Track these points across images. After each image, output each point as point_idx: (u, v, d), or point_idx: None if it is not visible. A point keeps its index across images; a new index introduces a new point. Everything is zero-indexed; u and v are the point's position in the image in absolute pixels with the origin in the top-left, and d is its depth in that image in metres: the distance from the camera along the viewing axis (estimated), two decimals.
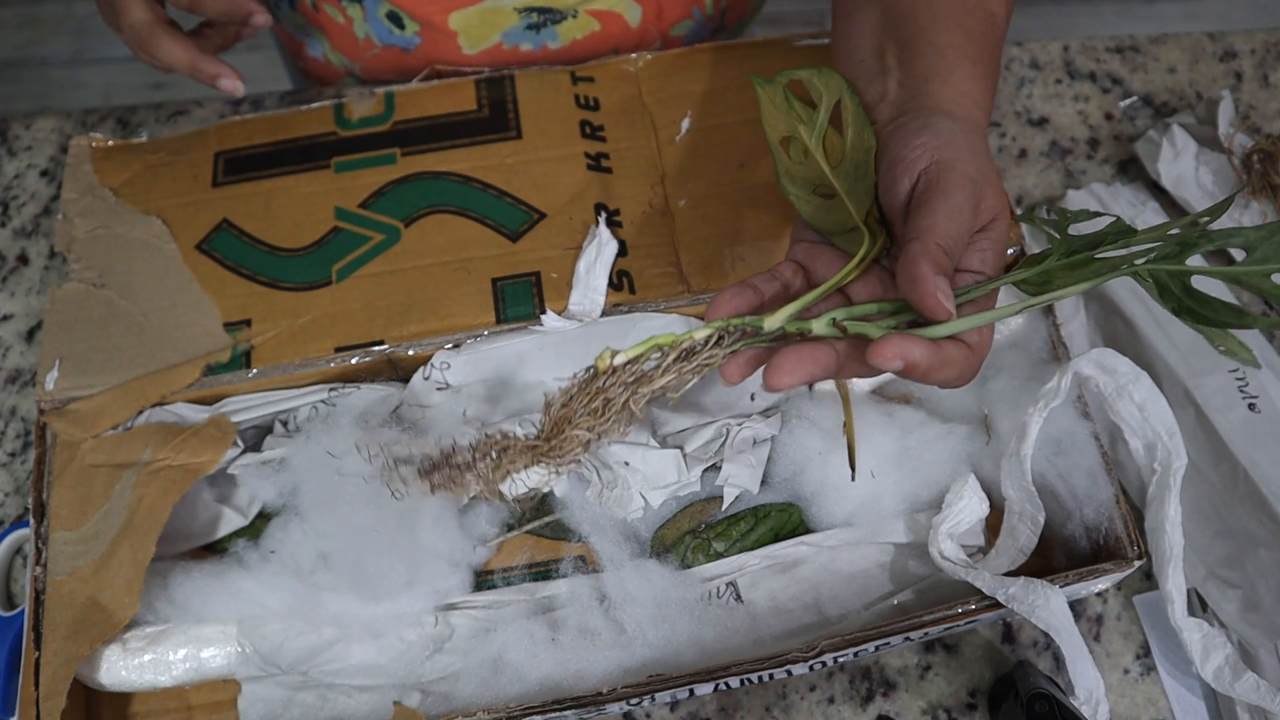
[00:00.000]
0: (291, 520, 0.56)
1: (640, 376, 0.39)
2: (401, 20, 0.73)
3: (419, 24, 0.73)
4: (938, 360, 0.43)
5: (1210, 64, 0.80)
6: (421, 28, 0.73)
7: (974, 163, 0.47)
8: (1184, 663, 0.60)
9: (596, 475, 0.58)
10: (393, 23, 0.74)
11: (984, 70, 0.53)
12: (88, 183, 0.65)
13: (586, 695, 0.50)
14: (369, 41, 0.76)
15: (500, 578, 0.58)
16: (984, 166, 0.47)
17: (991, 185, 0.47)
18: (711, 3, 0.79)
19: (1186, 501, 0.60)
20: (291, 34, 0.83)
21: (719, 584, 0.57)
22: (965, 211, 0.45)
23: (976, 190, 0.46)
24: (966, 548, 0.57)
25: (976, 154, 0.47)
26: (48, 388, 0.58)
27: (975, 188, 0.46)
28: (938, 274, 0.42)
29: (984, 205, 0.47)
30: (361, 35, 0.76)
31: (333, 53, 0.80)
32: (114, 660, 0.54)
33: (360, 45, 0.77)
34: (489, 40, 0.74)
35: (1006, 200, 0.50)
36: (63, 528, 0.55)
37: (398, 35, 0.74)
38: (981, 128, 0.51)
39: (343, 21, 0.76)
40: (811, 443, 0.59)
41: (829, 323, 0.44)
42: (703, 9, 0.79)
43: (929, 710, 0.59)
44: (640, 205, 0.64)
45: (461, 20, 0.72)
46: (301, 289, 0.61)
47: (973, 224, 0.46)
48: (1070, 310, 0.70)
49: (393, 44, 0.75)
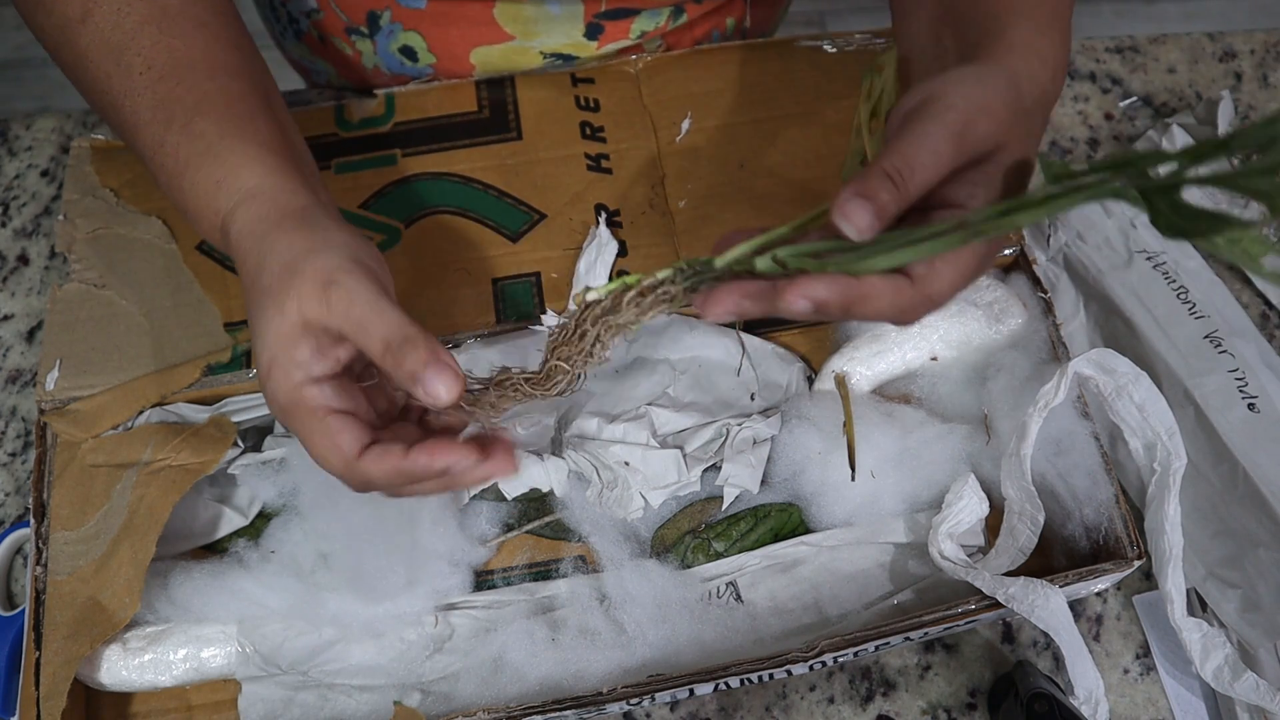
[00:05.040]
0: (292, 520, 0.56)
1: (609, 310, 0.42)
2: (415, 54, 0.72)
3: (435, 57, 0.72)
4: (851, 295, 0.40)
5: (1210, 64, 0.80)
6: (437, 60, 0.73)
7: (967, 93, 0.43)
8: (1184, 662, 0.60)
9: (596, 475, 0.58)
10: (405, 56, 0.73)
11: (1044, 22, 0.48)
12: (89, 183, 0.65)
13: (586, 695, 0.50)
14: (378, 71, 0.75)
15: (500, 578, 0.58)
16: (984, 97, 0.43)
17: (991, 115, 0.43)
18: (732, 27, 0.79)
19: (1186, 501, 0.60)
20: (297, 59, 0.83)
21: (719, 584, 0.57)
22: (933, 137, 0.41)
23: (961, 118, 0.42)
24: (966, 548, 0.57)
25: (979, 84, 0.43)
26: (48, 388, 0.58)
27: (957, 115, 0.42)
28: (855, 195, 0.39)
29: (975, 134, 0.42)
30: (370, 66, 0.75)
31: (339, 80, 0.80)
32: (114, 660, 0.54)
33: (369, 74, 0.77)
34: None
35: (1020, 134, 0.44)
36: (63, 528, 0.55)
37: (409, 67, 0.74)
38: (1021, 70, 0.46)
39: (351, 54, 0.75)
40: (811, 443, 0.59)
41: (770, 259, 0.43)
42: (724, 33, 0.78)
43: (929, 710, 0.59)
44: (640, 205, 0.64)
45: (483, 56, 0.72)
46: None
47: (949, 152, 0.42)
48: (1070, 310, 0.70)
49: (404, 74, 0.75)
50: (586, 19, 0.70)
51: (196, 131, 0.46)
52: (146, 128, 0.47)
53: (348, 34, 0.73)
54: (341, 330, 0.41)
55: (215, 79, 0.48)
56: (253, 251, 0.44)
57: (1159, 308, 0.66)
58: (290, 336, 0.41)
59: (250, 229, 0.44)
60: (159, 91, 0.47)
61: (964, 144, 0.42)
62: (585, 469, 0.59)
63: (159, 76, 0.47)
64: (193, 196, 0.46)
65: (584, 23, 0.70)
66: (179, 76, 0.47)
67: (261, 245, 0.43)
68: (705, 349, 0.62)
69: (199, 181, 0.46)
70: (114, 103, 0.48)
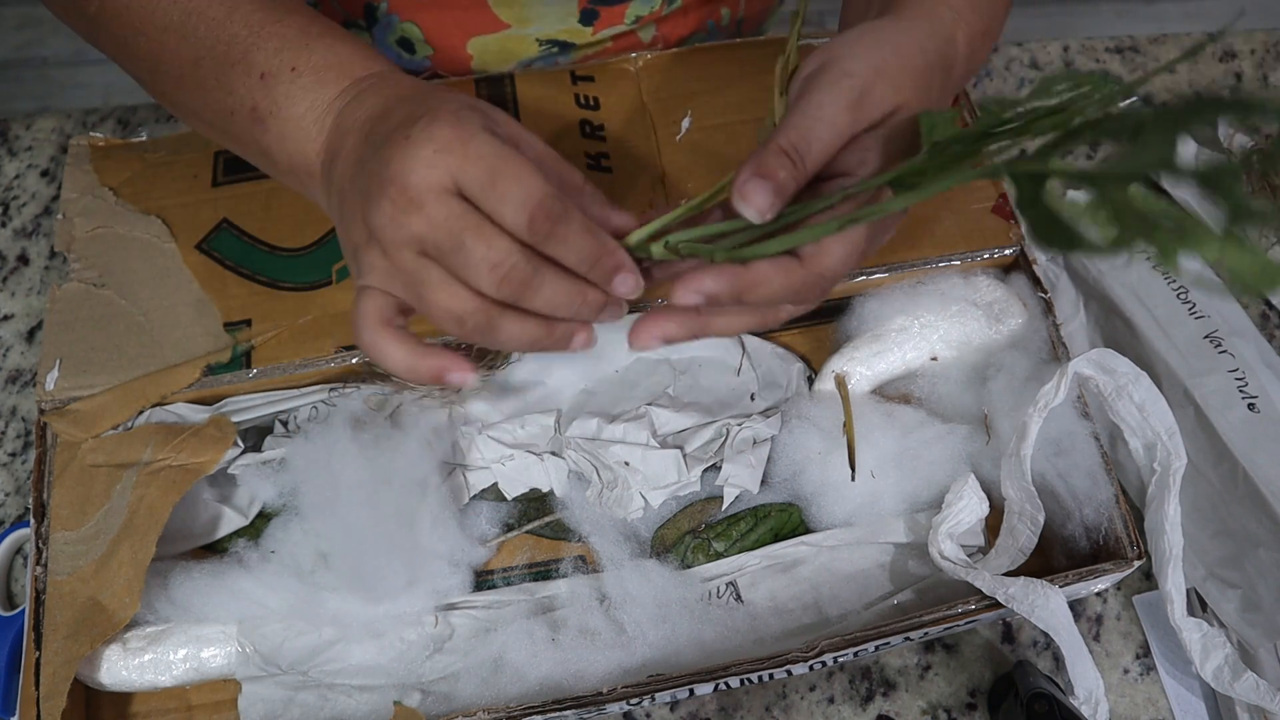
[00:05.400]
0: (292, 520, 0.56)
1: None
2: (413, 46, 0.73)
3: (432, 48, 0.72)
4: (740, 284, 0.40)
5: (1210, 64, 0.80)
6: (434, 52, 0.73)
7: (864, 54, 0.41)
8: (1184, 662, 0.60)
9: (596, 475, 0.58)
10: (403, 48, 0.73)
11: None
12: (88, 182, 0.65)
13: (586, 695, 0.50)
14: None
15: (500, 578, 0.58)
16: (881, 59, 0.42)
17: (887, 77, 0.42)
18: (727, 16, 0.79)
19: (1186, 501, 0.60)
20: None
21: (719, 584, 0.57)
22: (829, 108, 0.40)
23: (858, 85, 0.41)
24: (966, 548, 0.57)
25: (877, 46, 0.42)
26: (48, 388, 0.58)
27: (853, 82, 0.41)
28: (753, 175, 0.38)
29: (872, 99, 0.41)
30: None
31: None
32: (114, 660, 0.54)
33: None
34: (504, 66, 0.74)
35: (918, 93, 0.43)
36: (63, 528, 0.55)
37: (407, 59, 0.74)
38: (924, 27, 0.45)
39: None
40: (811, 443, 0.59)
41: (663, 245, 0.43)
42: (718, 22, 0.79)
43: (929, 710, 0.59)
44: (640, 205, 0.64)
45: (480, 46, 0.72)
46: (302, 289, 0.61)
47: (845, 122, 0.41)
48: (1070, 310, 0.70)
49: (401, 66, 0.75)
50: (581, 4, 0.70)
51: (330, 24, 0.47)
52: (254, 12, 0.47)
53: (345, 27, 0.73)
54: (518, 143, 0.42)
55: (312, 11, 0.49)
56: (409, 87, 0.43)
57: (1159, 308, 0.67)
58: (470, 104, 0.41)
59: (402, 79, 0.45)
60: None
61: (861, 111, 0.41)
62: (585, 469, 0.59)
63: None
64: (330, 54, 0.46)
65: (579, 8, 0.70)
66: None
67: (420, 86, 0.44)
68: (705, 349, 0.62)
69: (340, 47, 0.46)
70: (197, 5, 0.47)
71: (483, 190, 0.38)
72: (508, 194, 0.38)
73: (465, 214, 0.38)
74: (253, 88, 0.46)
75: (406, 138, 0.39)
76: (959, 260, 0.61)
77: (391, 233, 0.39)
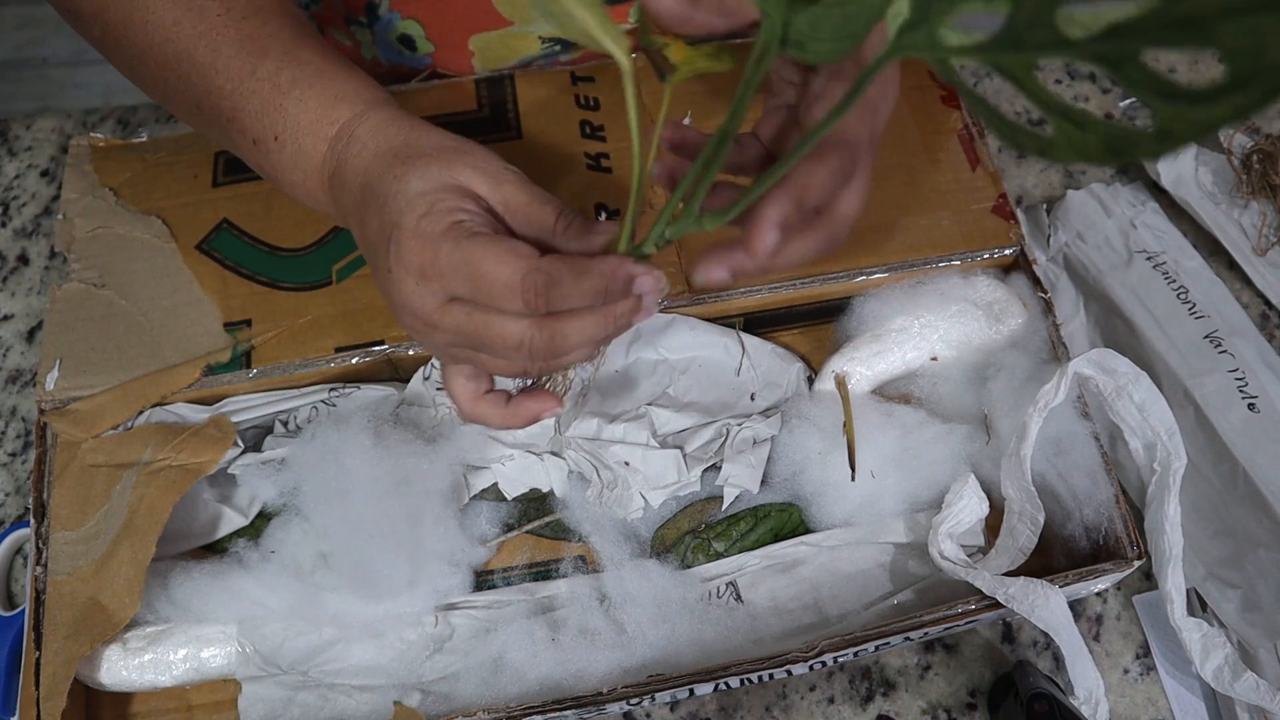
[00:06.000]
0: (292, 520, 0.56)
1: None
2: (414, 43, 0.72)
3: (433, 45, 0.72)
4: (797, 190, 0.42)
5: (1210, 64, 0.80)
6: (436, 49, 0.73)
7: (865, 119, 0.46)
8: (1184, 662, 0.60)
9: (596, 475, 0.58)
10: (404, 45, 0.73)
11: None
12: (88, 182, 0.65)
13: (586, 695, 0.50)
14: (376, 62, 0.76)
15: (500, 578, 0.58)
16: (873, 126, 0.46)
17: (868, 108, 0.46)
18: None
19: (1186, 501, 0.60)
20: None
21: (719, 584, 0.57)
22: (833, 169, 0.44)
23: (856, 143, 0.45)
24: (966, 548, 0.57)
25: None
26: (48, 388, 0.58)
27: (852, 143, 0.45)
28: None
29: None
30: (369, 56, 0.75)
31: None
32: (114, 660, 0.54)
33: (368, 65, 0.76)
34: (505, 63, 0.74)
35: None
36: (63, 528, 0.55)
37: (408, 56, 0.74)
38: None
39: (349, 45, 0.75)
40: (811, 443, 0.59)
41: (656, 240, 0.44)
42: None
43: (929, 710, 0.59)
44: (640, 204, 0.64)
45: (481, 42, 0.72)
46: (302, 289, 0.61)
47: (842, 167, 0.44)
48: (1070, 310, 0.70)
49: (402, 64, 0.75)
50: None
51: (301, 59, 0.48)
52: (231, 60, 0.49)
53: (346, 24, 0.73)
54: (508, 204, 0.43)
55: (296, 18, 0.51)
56: (397, 135, 0.45)
57: (1159, 308, 0.67)
58: (455, 189, 0.42)
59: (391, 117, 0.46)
60: (244, 29, 0.49)
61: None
62: (585, 469, 0.59)
63: (241, 15, 0.49)
64: (301, 112, 0.48)
65: None
66: (261, 17, 0.50)
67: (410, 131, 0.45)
68: (705, 349, 0.62)
69: (309, 98, 0.47)
70: (184, 48, 0.49)
71: (472, 294, 0.41)
72: (491, 290, 0.40)
73: (471, 314, 0.41)
74: (250, 150, 0.49)
75: (389, 271, 0.42)
76: (959, 260, 0.61)
77: (426, 342, 0.45)
